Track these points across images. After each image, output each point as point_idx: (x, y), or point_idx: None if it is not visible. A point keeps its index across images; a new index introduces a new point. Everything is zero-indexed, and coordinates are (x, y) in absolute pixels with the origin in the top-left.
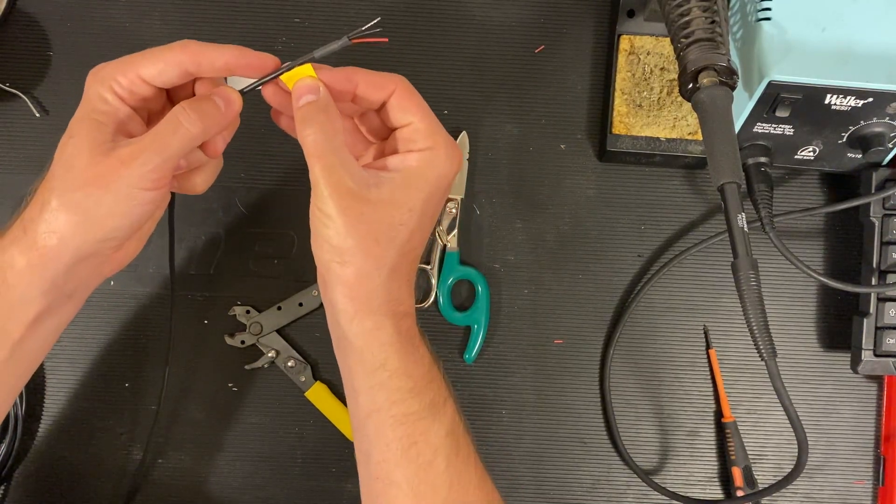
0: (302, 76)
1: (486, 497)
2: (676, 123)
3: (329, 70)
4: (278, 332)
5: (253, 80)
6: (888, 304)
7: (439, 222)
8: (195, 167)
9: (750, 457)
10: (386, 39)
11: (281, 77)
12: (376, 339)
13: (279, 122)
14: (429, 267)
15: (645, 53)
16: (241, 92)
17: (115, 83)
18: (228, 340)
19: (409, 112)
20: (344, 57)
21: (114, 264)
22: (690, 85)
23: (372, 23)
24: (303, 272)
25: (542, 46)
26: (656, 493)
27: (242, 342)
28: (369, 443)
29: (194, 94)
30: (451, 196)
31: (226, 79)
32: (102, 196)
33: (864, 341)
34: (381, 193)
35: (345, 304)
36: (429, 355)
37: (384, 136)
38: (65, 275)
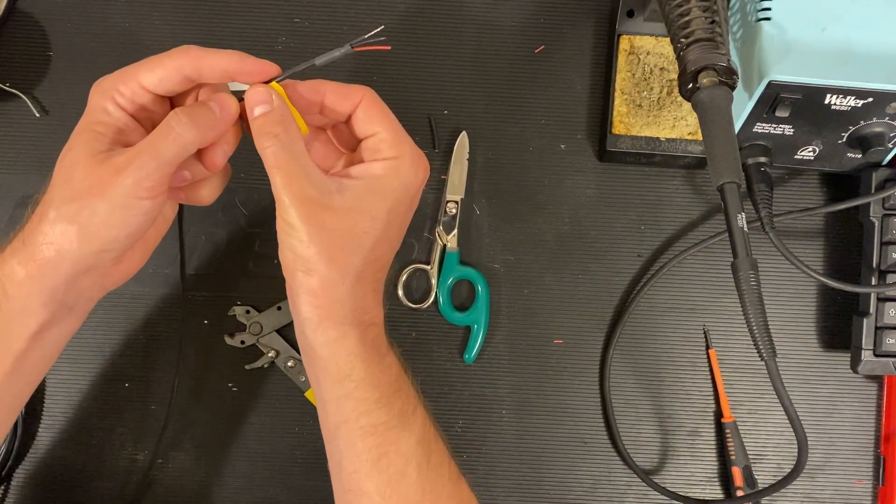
0: (260, 88)
1: (459, 502)
2: (676, 123)
3: (296, 83)
4: (278, 332)
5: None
6: (888, 304)
7: (438, 222)
8: (201, 179)
9: (750, 457)
10: (388, 48)
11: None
12: (342, 348)
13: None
14: (429, 267)
15: (645, 53)
16: (241, 98)
17: (116, 93)
18: (228, 340)
19: (375, 122)
20: (345, 60)
21: (115, 277)
22: (690, 85)
23: (375, 31)
24: None
25: (542, 46)
26: (656, 493)
27: (242, 342)
28: (340, 454)
29: None
30: (450, 196)
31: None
32: (97, 205)
33: (864, 341)
34: (344, 201)
35: (310, 313)
36: (397, 364)
37: (354, 147)
38: (65, 286)
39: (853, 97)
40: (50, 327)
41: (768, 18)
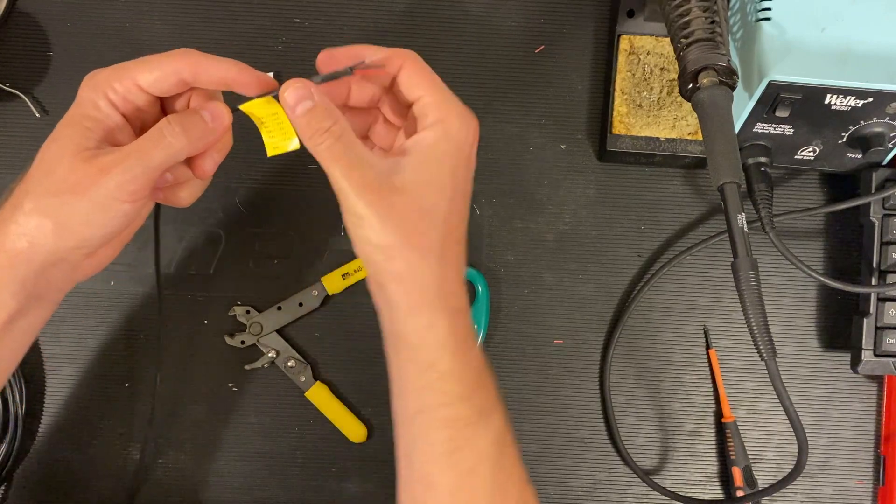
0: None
1: None
2: (676, 123)
3: (334, 49)
4: (278, 332)
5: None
6: (888, 303)
7: None
8: (182, 181)
9: (750, 457)
10: (385, 70)
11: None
12: (432, 337)
13: None
14: None
15: (645, 53)
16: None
17: (110, 90)
18: (228, 340)
19: (418, 86)
20: None
21: (86, 270)
22: (690, 85)
23: (379, 60)
24: (303, 272)
25: (542, 46)
26: (656, 493)
27: (242, 342)
28: (412, 443)
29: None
30: None
31: None
32: (78, 204)
33: (864, 341)
34: (406, 178)
35: (400, 299)
36: (480, 358)
37: (405, 114)
38: (35, 278)
39: (853, 97)
40: (18, 318)
41: (768, 18)
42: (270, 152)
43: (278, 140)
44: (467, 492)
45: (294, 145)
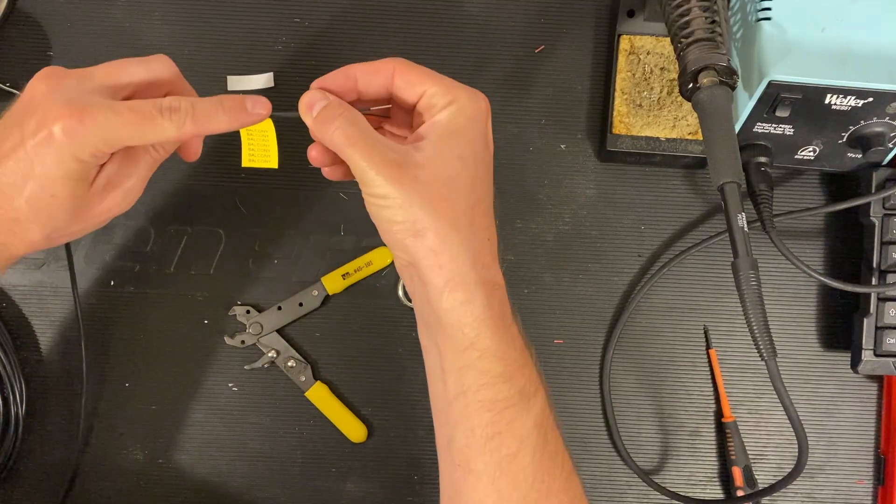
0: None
1: (572, 499)
2: (676, 123)
3: (325, 76)
4: (278, 332)
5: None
6: (888, 303)
7: None
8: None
9: (750, 457)
10: (390, 106)
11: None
12: (468, 313)
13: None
14: None
15: (645, 53)
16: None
17: (99, 153)
18: (228, 340)
19: (418, 83)
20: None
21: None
22: (690, 85)
23: (384, 107)
24: (303, 272)
25: (542, 46)
26: (656, 493)
27: (242, 342)
28: (453, 427)
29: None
30: None
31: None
32: (88, 227)
33: (864, 341)
34: (426, 153)
35: (433, 276)
36: (520, 338)
37: (412, 124)
38: None
39: (853, 97)
40: None
41: (768, 18)
42: (245, 163)
43: (258, 155)
44: (509, 478)
45: (271, 165)
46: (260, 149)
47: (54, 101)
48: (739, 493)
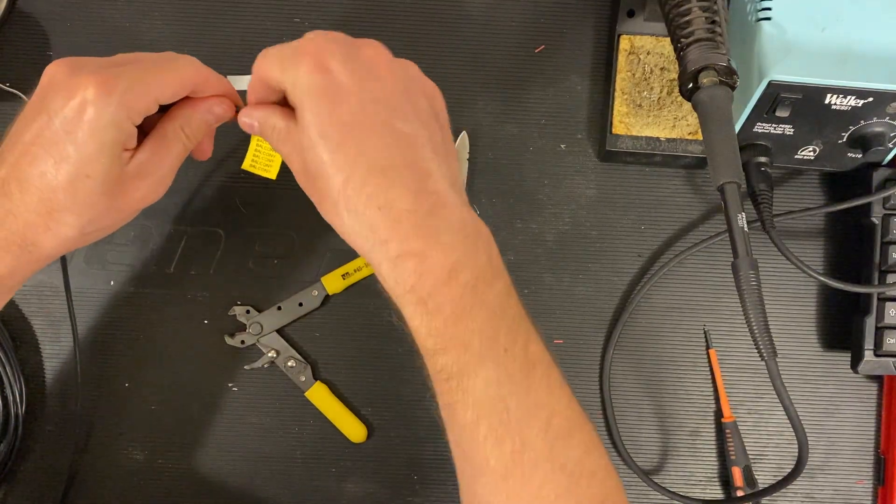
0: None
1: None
2: (676, 123)
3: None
4: (278, 332)
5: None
6: (889, 303)
7: None
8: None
9: (750, 457)
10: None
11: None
12: (390, 290)
13: None
14: None
15: (645, 53)
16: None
17: (132, 110)
18: (228, 340)
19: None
20: None
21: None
22: (690, 85)
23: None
24: (303, 272)
25: (542, 46)
26: (656, 492)
27: (242, 342)
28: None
29: None
30: None
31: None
32: (102, 228)
33: (864, 341)
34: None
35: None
36: (462, 296)
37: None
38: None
39: (853, 97)
40: None
41: (768, 18)
42: (245, 166)
43: (260, 164)
44: (465, 445)
45: (270, 175)
46: (264, 158)
47: (79, 74)
48: (739, 493)
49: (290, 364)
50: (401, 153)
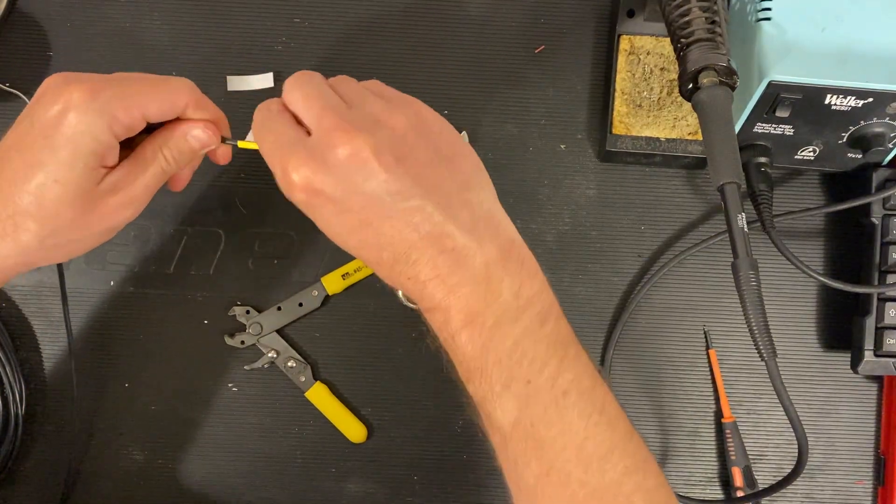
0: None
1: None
2: (676, 123)
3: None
4: (278, 332)
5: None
6: (889, 303)
7: None
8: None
9: (750, 457)
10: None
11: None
12: (431, 322)
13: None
14: None
15: (645, 53)
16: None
17: (114, 121)
18: (228, 340)
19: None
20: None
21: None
22: (690, 85)
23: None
24: (303, 272)
25: (542, 46)
26: None
27: (242, 342)
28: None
29: None
30: None
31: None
32: (77, 240)
33: (864, 341)
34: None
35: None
36: (470, 344)
37: None
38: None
39: (853, 97)
40: None
41: (768, 18)
42: (242, 144)
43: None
44: (500, 463)
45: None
46: None
47: (69, 83)
48: (739, 494)
49: (289, 364)
50: (417, 231)
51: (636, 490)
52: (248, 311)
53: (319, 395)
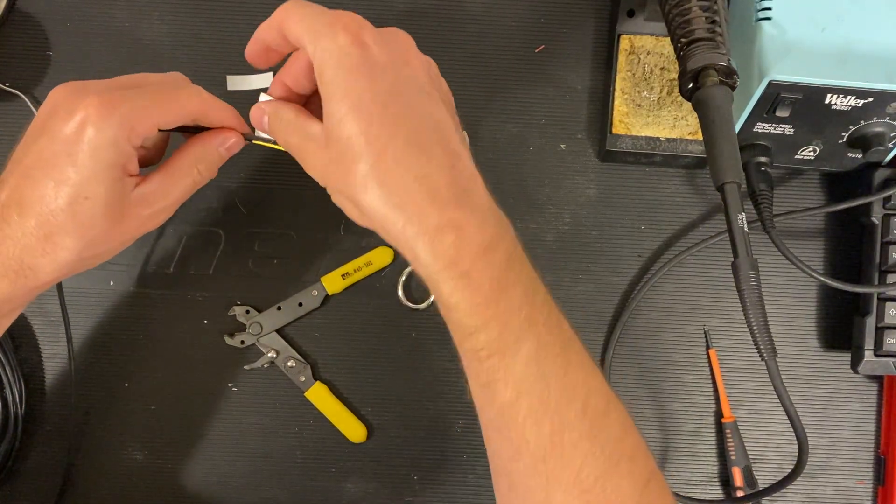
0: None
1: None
2: (676, 123)
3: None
4: (278, 332)
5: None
6: (889, 303)
7: None
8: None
9: (750, 457)
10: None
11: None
12: (421, 269)
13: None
14: None
15: (645, 53)
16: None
17: (132, 132)
18: (228, 340)
19: (295, 42)
20: None
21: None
22: (690, 85)
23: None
24: (303, 272)
25: (542, 46)
26: None
27: (242, 342)
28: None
29: None
30: None
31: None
32: (106, 251)
33: (865, 341)
34: (325, 122)
35: (395, 246)
36: (495, 268)
37: None
38: (26, 296)
39: (853, 97)
40: None
41: (768, 18)
42: (254, 140)
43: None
44: (502, 426)
45: (279, 147)
46: None
47: (81, 95)
48: (739, 494)
49: (289, 364)
50: (436, 133)
51: (636, 449)
52: (247, 311)
53: (319, 395)
